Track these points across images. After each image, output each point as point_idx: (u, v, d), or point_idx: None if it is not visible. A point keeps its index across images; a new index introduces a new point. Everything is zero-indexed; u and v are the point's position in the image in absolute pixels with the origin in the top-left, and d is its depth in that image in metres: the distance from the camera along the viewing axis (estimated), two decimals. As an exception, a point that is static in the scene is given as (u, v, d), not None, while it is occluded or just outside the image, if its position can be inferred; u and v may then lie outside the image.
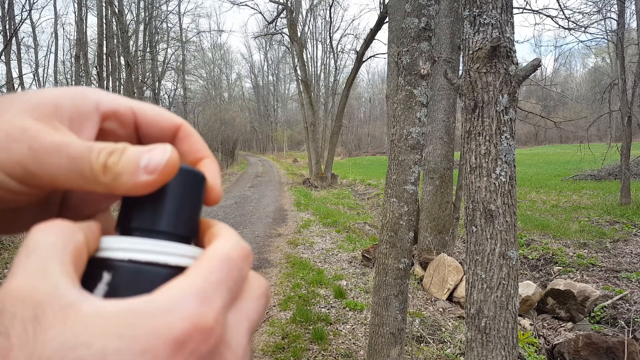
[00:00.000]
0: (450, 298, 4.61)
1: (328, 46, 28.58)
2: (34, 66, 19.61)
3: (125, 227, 0.21)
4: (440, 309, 4.36)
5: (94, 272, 0.19)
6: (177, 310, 0.17)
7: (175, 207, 0.21)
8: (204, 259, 0.19)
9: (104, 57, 15.95)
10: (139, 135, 0.25)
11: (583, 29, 9.40)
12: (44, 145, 0.19)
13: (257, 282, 0.22)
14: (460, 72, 5.21)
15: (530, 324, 4.06)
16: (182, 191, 0.21)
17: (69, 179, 0.20)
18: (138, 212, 0.21)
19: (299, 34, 17.18)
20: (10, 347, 0.15)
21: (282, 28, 18.97)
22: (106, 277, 0.19)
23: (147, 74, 21.44)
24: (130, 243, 0.19)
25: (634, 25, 12.21)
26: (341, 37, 34.83)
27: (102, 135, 0.23)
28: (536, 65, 1.65)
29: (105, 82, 16.02)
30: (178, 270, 0.19)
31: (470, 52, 1.60)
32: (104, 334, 0.15)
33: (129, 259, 0.19)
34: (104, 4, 15.20)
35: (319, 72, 31.02)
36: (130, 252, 0.19)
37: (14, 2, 13.87)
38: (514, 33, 1.61)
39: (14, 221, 0.24)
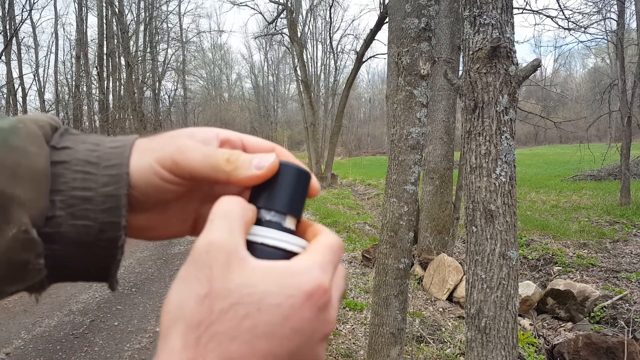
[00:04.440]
0: (450, 298, 4.61)
1: (328, 46, 28.56)
2: (34, 66, 19.53)
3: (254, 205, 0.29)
4: (440, 309, 4.37)
5: None
6: (308, 274, 0.25)
7: (291, 193, 0.29)
8: (319, 245, 0.28)
9: (104, 57, 15.95)
10: None
11: (583, 29, 9.40)
12: (187, 146, 0.29)
13: (341, 267, 0.29)
14: (460, 72, 5.21)
15: (530, 324, 4.06)
16: (297, 182, 0.30)
17: (202, 169, 0.29)
18: (265, 194, 0.29)
19: (299, 34, 17.18)
20: (212, 276, 0.23)
21: (282, 28, 18.96)
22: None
23: (148, 74, 21.43)
24: (263, 231, 0.27)
25: (633, 25, 12.21)
26: (341, 38, 34.71)
27: None
28: (536, 65, 1.65)
29: (105, 83, 16.03)
30: (291, 253, 0.27)
31: (470, 52, 1.60)
32: (265, 281, 0.24)
33: (261, 242, 0.27)
34: (104, 4, 15.20)
35: (319, 72, 30.98)
36: (262, 238, 0.27)
37: (14, 2, 13.86)
38: (514, 33, 1.61)
39: (162, 224, 0.33)
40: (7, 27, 13.18)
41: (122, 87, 17.17)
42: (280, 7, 17.66)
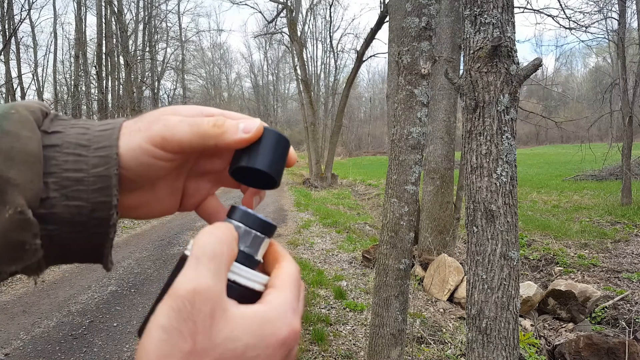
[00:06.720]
0: (450, 299, 4.60)
1: (328, 45, 28.55)
2: (33, 66, 19.50)
3: (236, 167, 0.32)
4: (441, 310, 4.35)
5: None
6: (283, 319, 0.27)
7: (273, 155, 0.32)
8: (285, 279, 0.30)
9: (103, 56, 15.94)
10: None
11: (584, 28, 9.38)
12: (173, 121, 0.30)
13: (301, 289, 0.31)
14: (461, 71, 5.19)
15: (531, 325, 4.04)
16: (277, 146, 0.32)
17: (190, 139, 0.30)
18: (246, 156, 0.32)
19: (298, 33, 17.15)
20: (196, 330, 0.24)
21: (282, 27, 18.95)
22: None
23: (147, 73, 21.43)
24: (236, 268, 0.28)
25: (634, 25, 12.17)
26: (341, 37, 34.77)
27: None
28: (537, 64, 1.63)
29: (104, 82, 16.02)
30: (257, 293, 0.29)
31: (471, 51, 1.59)
32: (246, 333, 0.25)
33: (233, 280, 0.28)
34: (103, 4, 15.18)
35: (319, 71, 30.96)
36: (234, 275, 0.28)
37: (13, 1, 13.84)
38: (515, 32, 1.59)
39: (153, 201, 0.35)
40: (6, 26, 13.17)
41: (121, 86, 17.15)
42: (280, 6, 17.63)
